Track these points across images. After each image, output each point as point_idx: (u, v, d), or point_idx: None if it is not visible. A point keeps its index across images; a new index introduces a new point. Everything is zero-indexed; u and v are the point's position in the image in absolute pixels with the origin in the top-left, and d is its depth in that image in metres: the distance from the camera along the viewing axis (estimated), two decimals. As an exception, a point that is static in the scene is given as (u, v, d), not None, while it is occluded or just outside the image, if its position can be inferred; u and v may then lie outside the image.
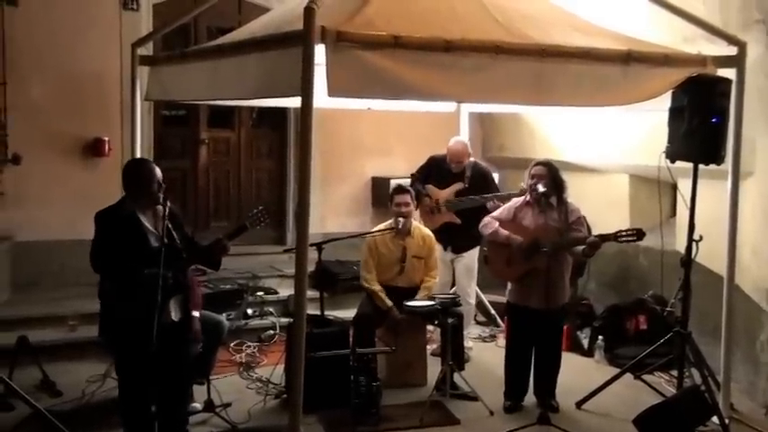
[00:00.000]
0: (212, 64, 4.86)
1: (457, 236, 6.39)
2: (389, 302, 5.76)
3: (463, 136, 6.99)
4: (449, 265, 6.53)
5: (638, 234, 4.93)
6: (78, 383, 5.51)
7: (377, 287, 5.84)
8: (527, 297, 5.28)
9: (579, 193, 6.07)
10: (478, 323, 7.37)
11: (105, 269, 4.17)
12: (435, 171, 6.52)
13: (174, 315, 4.22)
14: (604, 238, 5.01)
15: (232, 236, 4.61)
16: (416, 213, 6.50)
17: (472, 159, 6.53)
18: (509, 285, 5.49)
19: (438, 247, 6.27)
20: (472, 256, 6.50)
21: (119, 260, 4.10)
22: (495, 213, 5.57)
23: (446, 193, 6.40)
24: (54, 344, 6.05)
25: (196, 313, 5.03)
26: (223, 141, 8.38)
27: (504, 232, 5.37)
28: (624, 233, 4.95)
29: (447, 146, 6.44)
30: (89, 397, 5.32)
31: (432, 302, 5.59)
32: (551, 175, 5.26)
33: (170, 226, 4.17)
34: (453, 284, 6.66)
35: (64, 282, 6.87)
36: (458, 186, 6.37)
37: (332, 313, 5.96)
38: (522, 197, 5.47)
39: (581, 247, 5.07)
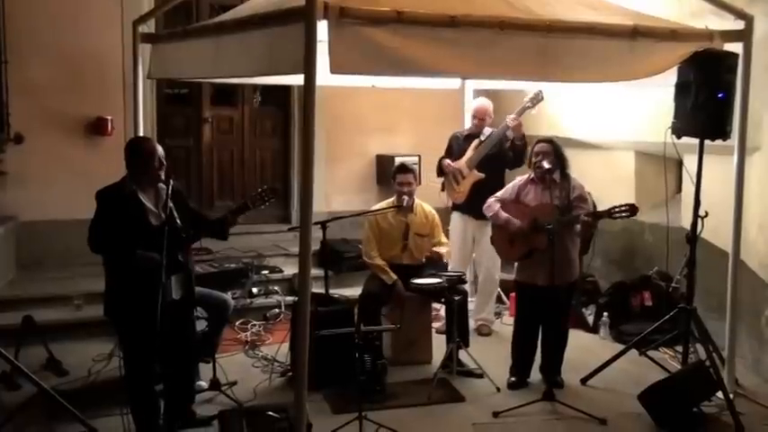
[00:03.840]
0: (214, 41, 4.82)
1: (483, 198, 6.29)
2: (394, 276, 5.76)
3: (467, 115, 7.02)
4: (470, 239, 6.54)
5: (632, 209, 4.91)
6: (84, 362, 5.53)
7: (380, 261, 5.83)
8: (533, 275, 5.27)
9: (585, 170, 6.05)
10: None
11: (101, 248, 4.17)
12: (456, 147, 6.59)
13: (175, 293, 4.21)
14: (598, 215, 5.01)
15: (234, 214, 4.60)
16: (444, 194, 6.61)
17: (489, 128, 6.51)
18: (516, 264, 5.48)
19: (460, 224, 6.40)
20: None
21: (115, 239, 4.09)
22: (498, 194, 5.53)
23: (466, 155, 6.42)
24: (60, 323, 6.08)
25: None
26: (227, 120, 8.36)
27: (504, 215, 5.36)
28: (617, 209, 4.93)
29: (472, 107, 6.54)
30: (95, 376, 5.35)
31: (438, 280, 5.59)
32: (556, 151, 5.24)
33: (171, 205, 4.15)
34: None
35: (69, 261, 6.85)
36: (475, 142, 6.39)
37: (337, 291, 5.97)
38: (526, 175, 5.44)
39: (578, 226, 5.07)
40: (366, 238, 5.96)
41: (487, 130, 6.43)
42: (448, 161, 6.51)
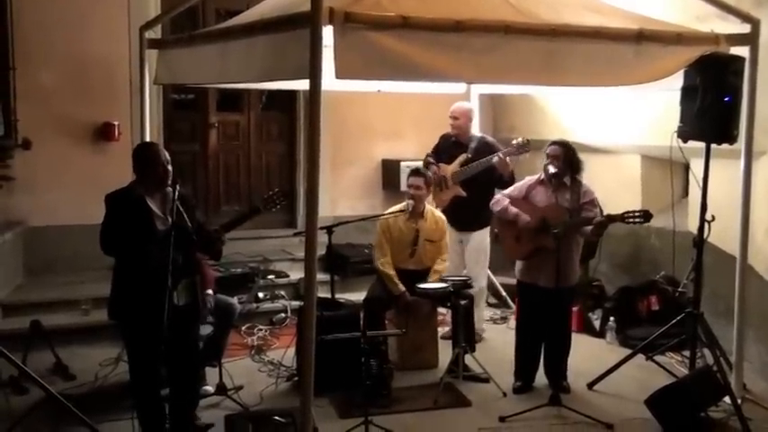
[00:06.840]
0: (221, 47, 4.84)
1: (463, 212, 6.33)
2: (402, 287, 5.75)
3: (474, 119, 7.00)
4: (459, 246, 6.51)
5: (645, 215, 4.89)
6: (91, 367, 5.55)
7: (391, 272, 5.82)
8: (536, 275, 5.27)
9: (591, 174, 6.02)
10: (490, 305, 7.36)
11: (112, 249, 4.19)
12: (444, 148, 6.56)
13: (180, 299, 4.21)
14: (611, 218, 4.99)
15: (243, 219, 4.57)
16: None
17: (479, 134, 6.52)
18: (518, 263, 5.47)
19: (449, 229, 6.29)
20: (481, 237, 6.44)
21: (125, 241, 4.11)
22: (506, 191, 5.54)
23: (452, 167, 6.39)
24: (67, 328, 6.12)
25: (209, 291, 5.04)
26: (233, 125, 8.37)
27: (514, 210, 5.35)
28: (631, 214, 4.92)
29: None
30: (102, 380, 5.37)
31: (444, 285, 5.59)
32: (567, 155, 5.23)
33: (180, 208, 4.16)
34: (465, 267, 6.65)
35: (76, 266, 6.90)
36: (462, 158, 6.35)
37: (342, 296, 5.99)
38: (537, 175, 5.43)
39: (589, 228, 5.05)
40: (378, 245, 5.95)
41: (475, 138, 6.41)
42: (435, 168, 6.45)
